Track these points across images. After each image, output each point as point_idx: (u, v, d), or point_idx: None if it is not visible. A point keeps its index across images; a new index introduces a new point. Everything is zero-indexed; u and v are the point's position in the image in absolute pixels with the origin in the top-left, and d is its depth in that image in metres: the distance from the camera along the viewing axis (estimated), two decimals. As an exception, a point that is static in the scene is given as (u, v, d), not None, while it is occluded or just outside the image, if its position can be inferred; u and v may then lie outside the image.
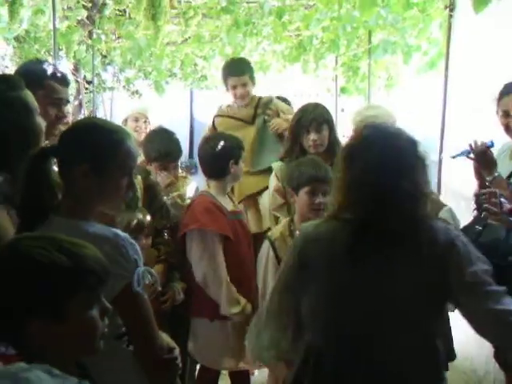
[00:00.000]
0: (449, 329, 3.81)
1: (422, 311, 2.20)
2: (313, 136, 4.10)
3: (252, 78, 5.06)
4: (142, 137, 5.02)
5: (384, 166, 2.18)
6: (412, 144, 2.27)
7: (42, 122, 2.40)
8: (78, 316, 1.56)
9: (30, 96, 2.41)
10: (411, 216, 2.19)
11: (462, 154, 3.48)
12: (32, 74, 2.88)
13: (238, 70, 5.02)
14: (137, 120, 5.65)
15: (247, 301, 3.71)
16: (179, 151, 4.26)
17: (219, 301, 3.66)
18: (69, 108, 3.08)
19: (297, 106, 4.98)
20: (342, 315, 2.22)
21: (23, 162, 2.12)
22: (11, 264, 1.53)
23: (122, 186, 2.15)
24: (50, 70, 2.99)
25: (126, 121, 5.90)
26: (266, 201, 4.59)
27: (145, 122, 5.69)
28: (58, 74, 3.02)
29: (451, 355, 3.67)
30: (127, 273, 2.00)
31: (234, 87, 4.94)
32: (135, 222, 3.24)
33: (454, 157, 3.49)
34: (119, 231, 2.07)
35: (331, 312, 2.24)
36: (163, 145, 4.15)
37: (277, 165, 4.31)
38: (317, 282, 2.24)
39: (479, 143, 3.48)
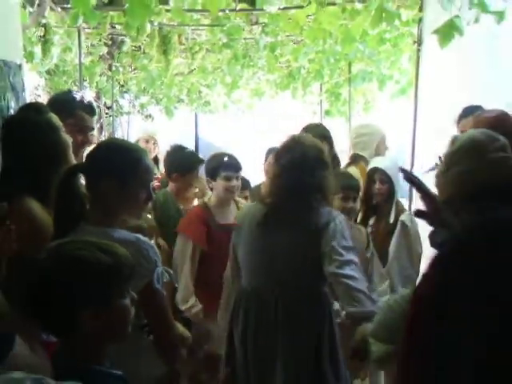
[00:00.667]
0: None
1: (304, 269, 2.73)
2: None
3: None
4: (151, 156, 5.05)
5: (292, 166, 2.73)
6: (317, 151, 2.82)
7: (67, 138, 2.40)
8: (119, 304, 1.61)
9: (54, 117, 2.41)
10: (307, 203, 2.72)
11: (432, 169, 3.50)
12: (63, 104, 2.90)
13: None
14: (147, 141, 5.72)
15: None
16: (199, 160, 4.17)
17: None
18: (94, 132, 3.07)
19: (288, 126, 4.99)
20: (252, 268, 2.83)
21: (53, 175, 2.13)
22: (62, 265, 1.57)
23: (141, 198, 2.17)
24: (79, 101, 3.01)
25: (137, 142, 5.95)
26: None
27: (154, 143, 5.76)
28: (87, 105, 3.05)
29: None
30: (148, 272, 2.01)
31: None
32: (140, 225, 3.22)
33: (426, 172, 3.50)
34: (140, 236, 2.08)
35: (247, 264, 2.86)
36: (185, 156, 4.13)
37: None
38: (242, 243, 2.87)
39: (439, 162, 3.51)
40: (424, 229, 3.84)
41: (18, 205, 2.13)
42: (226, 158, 3.69)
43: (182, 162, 4.05)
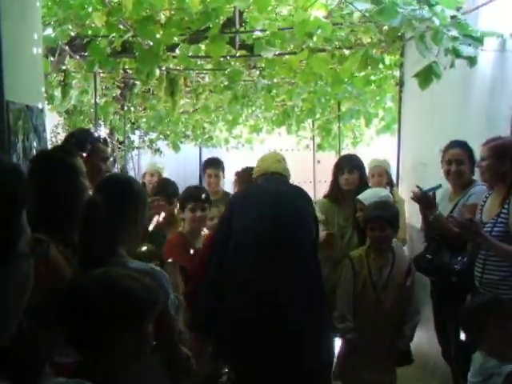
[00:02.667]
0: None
1: None
2: (346, 176, 4.18)
3: None
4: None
5: None
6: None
7: (86, 183, 2.42)
8: (146, 329, 1.63)
9: (79, 162, 2.44)
10: None
11: (430, 189, 3.53)
12: (86, 139, 2.97)
13: None
14: (152, 175, 5.76)
15: None
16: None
17: None
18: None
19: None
20: None
21: (72, 215, 2.15)
22: (109, 292, 1.58)
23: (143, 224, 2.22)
24: (97, 136, 3.08)
25: (144, 174, 6.01)
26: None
27: (158, 177, 5.78)
28: (103, 139, 3.13)
29: (409, 359, 3.69)
30: (163, 300, 1.99)
31: None
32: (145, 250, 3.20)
33: (426, 191, 3.51)
34: (154, 266, 2.09)
35: None
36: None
37: (321, 201, 4.40)
38: None
39: (415, 190, 3.55)
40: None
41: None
42: (192, 191, 3.75)
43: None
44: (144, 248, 3.34)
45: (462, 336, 3.50)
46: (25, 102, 2.76)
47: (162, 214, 3.79)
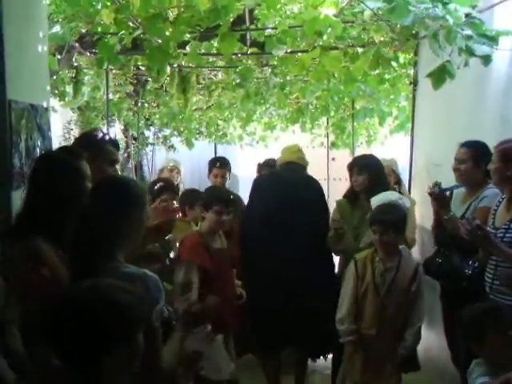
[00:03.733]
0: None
1: None
2: (354, 177, 4.13)
3: None
4: (174, 184, 5.03)
5: None
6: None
7: (88, 187, 2.38)
8: (138, 342, 1.59)
9: (85, 165, 2.39)
10: None
11: (449, 188, 3.46)
12: (94, 140, 2.91)
13: None
14: (171, 171, 5.70)
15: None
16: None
17: None
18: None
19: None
20: None
21: (67, 218, 2.10)
22: (101, 305, 1.53)
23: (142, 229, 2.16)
24: (106, 137, 3.02)
25: (162, 170, 5.94)
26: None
27: (177, 172, 5.74)
28: (113, 141, 3.06)
29: (415, 366, 3.62)
30: (149, 309, 1.88)
31: None
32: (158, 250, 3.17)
33: (444, 190, 3.44)
34: (148, 271, 2.02)
35: None
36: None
37: (339, 201, 4.31)
38: None
39: (434, 188, 3.46)
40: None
41: (31, 246, 2.09)
42: (222, 193, 3.75)
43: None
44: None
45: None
46: (28, 101, 2.72)
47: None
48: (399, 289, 3.41)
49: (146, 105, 8.08)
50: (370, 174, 4.08)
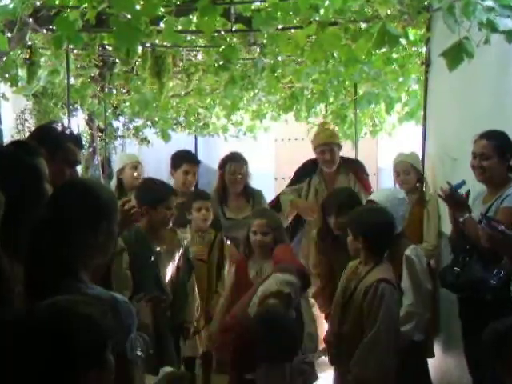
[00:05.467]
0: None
1: None
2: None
3: None
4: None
5: None
6: None
7: (48, 189, 2.33)
8: (109, 364, 1.59)
9: (42, 163, 2.35)
10: None
11: (457, 186, 3.47)
12: (53, 136, 2.86)
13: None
14: (135, 168, 5.69)
15: None
16: None
17: None
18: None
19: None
20: None
21: (29, 223, 2.05)
22: (66, 326, 1.53)
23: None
24: (68, 133, 2.96)
25: (123, 169, 5.84)
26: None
27: (139, 170, 5.65)
28: (76, 137, 3.01)
29: None
30: (121, 338, 1.88)
31: None
32: None
33: (455, 188, 3.45)
34: (117, 295, 1.98)
35: None
36: None
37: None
38: None
39: (445, 187, 3.46)
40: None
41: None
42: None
43: (152, 193, 3.94)
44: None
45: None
46: (-28, 87, 2.67)
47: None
48: (358, 304, 3.40)
49: (114, 91, 8.01)
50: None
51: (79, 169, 2.94)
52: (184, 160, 5.05)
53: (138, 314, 2.43)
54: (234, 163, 5.07)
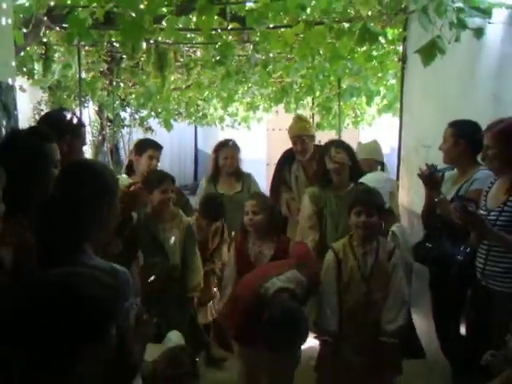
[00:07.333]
0: (413, 328, 3.73)
1: None
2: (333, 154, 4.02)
3: None
4: None
5: None
6: None
7: (55, 173, 2.31)
8: (111, 335, 1.54)
9: (52, 149, 2.34)
10: None
11: (442, 170, 3.45)
12: (56, 125, 2.83)
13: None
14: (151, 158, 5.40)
15: None
16: None
17: None
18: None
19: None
20: None
21: (38, 200, 2.04)
22: (70, 300, 1.47)
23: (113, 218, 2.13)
24: (71, 124, 2.94)
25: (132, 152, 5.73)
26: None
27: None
28: (78, 129, 2.99)
29: (421, 354, 3.60)
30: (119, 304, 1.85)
31: None
32: None
33: (438, 170, 3.43)
34: (116, 265, 1.96)
35: None
36: None
37: (310, 190, 4.17)
38: None
39: (424, 168, 3.45)
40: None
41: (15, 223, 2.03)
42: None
43: (148, 179, 3.95)
44: None
45: (462, 330, 3.44)
46: (-9, 78, 2.64)
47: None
48: (382, 272, 3.36)
49: (122, 84, 7.98)
50: (349, 153, 4.03)
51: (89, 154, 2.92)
52: (149, 146, 4.94)
53: (135, 284, 2.41)
54: (227, 148, 5.04)
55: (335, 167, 3.98)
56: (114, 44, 5.98)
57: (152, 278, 3.52)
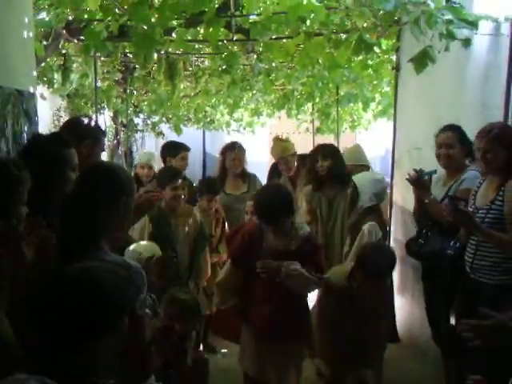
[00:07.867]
0: (393, 315, 3.75)
1: None
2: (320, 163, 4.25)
3: None
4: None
5: None
6: None
7: (72, 176, 2.33)
8: (123, 327, 1.55)
9: (70, 154, 2.35)
10: None
11: (426, 173, 3.46)
12: (75, 131, 2.86)
13: None
14: (142, 168, 5.25)
15: None
16: None
17: None
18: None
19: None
20: None
21: (56, 201, 2.05)
22: (91, 293, 1.48)
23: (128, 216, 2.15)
24: (90, 129, 2.97)
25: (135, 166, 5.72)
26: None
27: (149, 168, 5.30)
28: (96, 133, 3.02)
29: (395, 337, 3.63)
30: (133, 297, 1.84)
31: None
32: None
33: (425, 173, 3.44)
34: (130, 261, 1.98)
35: None
36: None
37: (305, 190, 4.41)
38: None
39: (412, 173, 3.46)
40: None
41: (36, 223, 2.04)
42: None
43: (161, 178, 4.03)
44: None
45: (452, 320, 3.45)
46: (14, 87, 2.66)
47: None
48: None
49: (135, 92, 7.99)
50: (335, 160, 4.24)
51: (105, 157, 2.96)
52: (182, 148, 4.99)
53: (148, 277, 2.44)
54: (233, 151, 5.05)
55: (322, 175, 4.18)
56: (128, 55, 5.99)
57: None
